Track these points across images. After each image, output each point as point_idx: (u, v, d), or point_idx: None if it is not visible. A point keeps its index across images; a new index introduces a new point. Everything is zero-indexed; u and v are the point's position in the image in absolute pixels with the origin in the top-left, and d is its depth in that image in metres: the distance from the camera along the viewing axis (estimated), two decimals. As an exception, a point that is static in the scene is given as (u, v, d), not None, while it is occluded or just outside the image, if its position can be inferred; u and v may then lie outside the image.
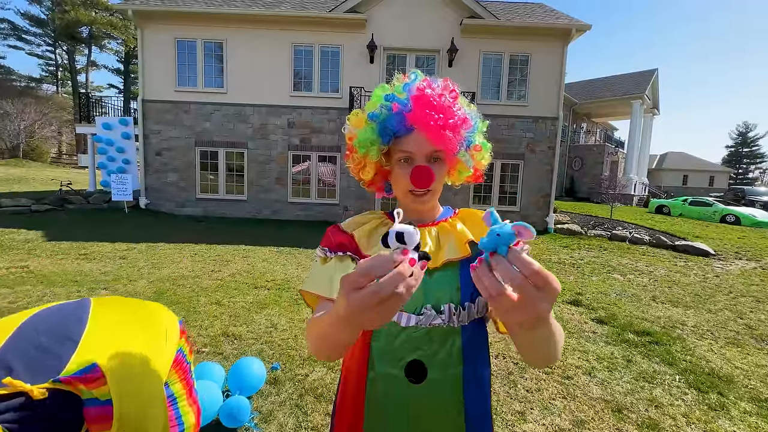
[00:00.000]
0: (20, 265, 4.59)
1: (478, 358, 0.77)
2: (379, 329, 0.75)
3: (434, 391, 0.73)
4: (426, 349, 0.73)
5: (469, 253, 0.75)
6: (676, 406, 2.38)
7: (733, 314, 4.31)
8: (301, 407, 2.08)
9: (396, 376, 0.73)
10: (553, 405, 2.31)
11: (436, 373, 0.72)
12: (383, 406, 0.74)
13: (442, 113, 0.71)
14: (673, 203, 14.62)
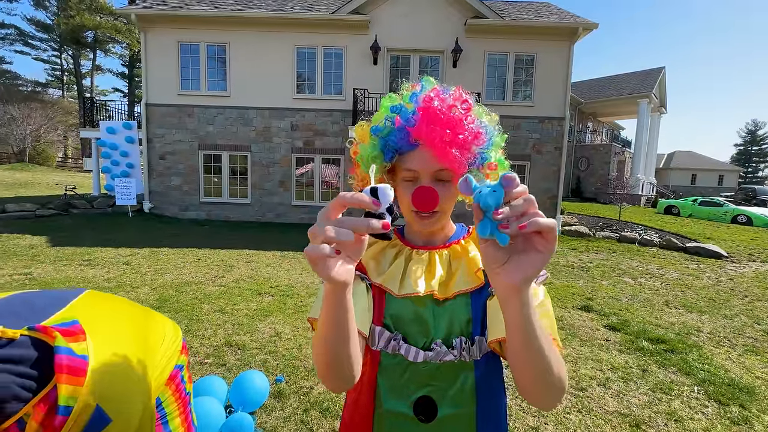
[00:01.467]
0: (24, 272, 4.56)
1: (494, 393, 0.71)
2: (386, 364, 0.69)
3: (446, 430, 0.68)
4: (436, 384, 0.68)
5: (482, 282, 0.68)
6: (697, 420, 2.27)
7: (750, 319, 4.18)
8: (306, 423, 2.00)
9: (404, 414, 0.68)
10: (568, 419, 2.21)
11: (448, 410, 0.67)
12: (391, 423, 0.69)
13: (449, 128, 0.63)
14: (683, 203, 14.40)
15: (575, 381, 2.68)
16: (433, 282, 0.69)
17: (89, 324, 0.63)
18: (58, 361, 0.54)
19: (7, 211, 8.39)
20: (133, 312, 0.84)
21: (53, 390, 0.53)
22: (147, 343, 0.80)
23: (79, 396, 0.54)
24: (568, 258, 7.08)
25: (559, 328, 3.64)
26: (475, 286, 0.69)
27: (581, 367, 2.89)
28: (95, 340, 0.61)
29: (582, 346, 3.30)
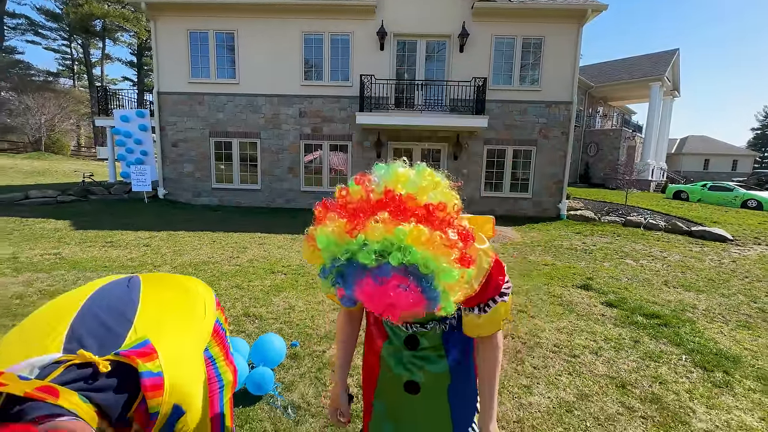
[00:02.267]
0: (53, 252, 4.87)
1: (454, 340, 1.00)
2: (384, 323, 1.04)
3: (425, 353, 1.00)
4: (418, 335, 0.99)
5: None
6: (681, 383, 2.45)
7: (747, 298, 4.29)
8: (320, 379, 2.23)
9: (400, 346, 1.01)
10: (559, 380, 2.41)
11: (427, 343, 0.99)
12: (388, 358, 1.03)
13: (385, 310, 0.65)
14: (692, 188, 14.26)
15: (569, 349, 2.87)
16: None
17: (154, 335, 0.79)
18: (143, 383, 0.71)
19: (30, 198, 8.76)
20: (180, 298, 1.00)
21: (143, 402, 0.72)
22: (195, 322, 0.99)
23: (162, 404, 0.73)
24: (572, 241, 7.19)
25: (558, 305, 3.82)
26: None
27: (575, 338, 3.07)
28: (162, 349, 0.76)
29: (578, 320, 3.47)
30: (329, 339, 2.77)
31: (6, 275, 3.79)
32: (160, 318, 0.87)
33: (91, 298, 0.83)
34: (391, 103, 9.66)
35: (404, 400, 1.02)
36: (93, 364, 0.68)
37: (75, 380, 0.66)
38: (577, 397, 2.23)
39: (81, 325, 0.77)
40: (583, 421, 2.01)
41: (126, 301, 0.86)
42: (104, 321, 0.79)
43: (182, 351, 0.84)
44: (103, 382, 0.68)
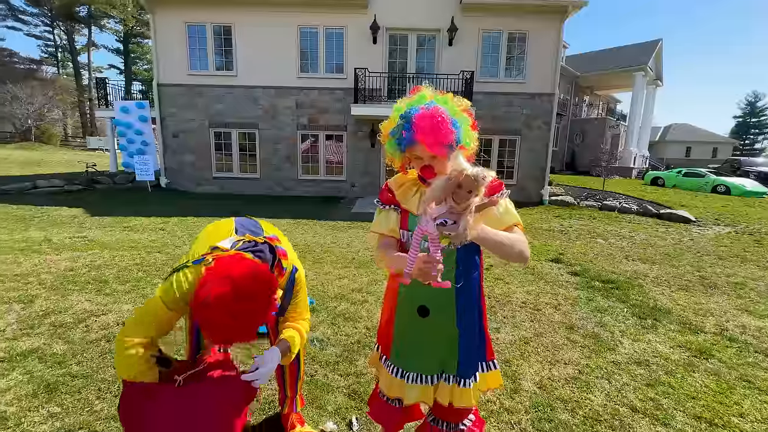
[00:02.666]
0: (79, 235, 5.35)
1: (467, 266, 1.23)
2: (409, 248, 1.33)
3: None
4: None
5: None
6: (617, 326, 3.12)
7: (693, 268, 5.00)
8: (336, 324, 2.84)
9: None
10: (522, 325, 3.06)
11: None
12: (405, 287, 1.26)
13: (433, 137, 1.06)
14: (668, 175, 15.11)
15: (534, 305, 3.52)
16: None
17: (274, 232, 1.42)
18: (279, 251, 1.30)
19: (39, 187, 9.11)
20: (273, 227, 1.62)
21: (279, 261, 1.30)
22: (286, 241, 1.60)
23: (287, 263, 1.32)
24: (551, 224, 7.88)
25: (530, 274, 4.47)
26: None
27: (541, 298, 3.73)
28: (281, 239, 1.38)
29: (545, 285, 4.13)
30: (339, 298, 3.38)
31: (50, 253, 4.30)
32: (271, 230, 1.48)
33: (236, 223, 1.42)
34: (384, 94, 10.13)
35: (417, 321, 1.24)
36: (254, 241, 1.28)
37: (247, 248, 1.24)
38: (534, 334, 2.88)
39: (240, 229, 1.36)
40: (536, 348, 2.66)
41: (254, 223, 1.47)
42: (250, 228, 1.39)
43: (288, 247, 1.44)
44: (260, 247, 1.27)
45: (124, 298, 3.12)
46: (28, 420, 1.66)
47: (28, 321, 2.60)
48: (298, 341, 1.36)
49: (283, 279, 1.30)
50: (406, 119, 1.11)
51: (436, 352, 1.26)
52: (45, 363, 2.10)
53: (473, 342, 1.27)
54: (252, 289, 1.00)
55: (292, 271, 1.33)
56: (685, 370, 2.45)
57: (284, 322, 1.38)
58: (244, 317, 0.99)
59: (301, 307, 1.41)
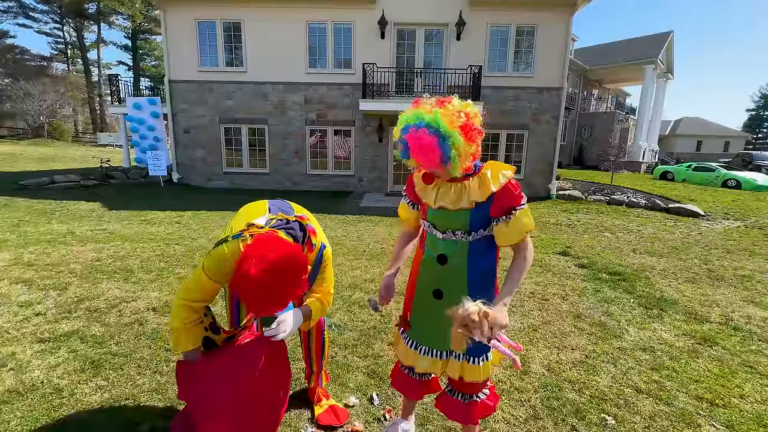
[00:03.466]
0: (100, 228, 5.55)
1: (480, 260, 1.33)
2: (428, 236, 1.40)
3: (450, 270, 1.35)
4: (448, 249, 1.34)
5: (473, 207, 1.26)
6: (624, 316, 3.21)
7: (701, 261, 5.04)
8: (351, 311, 2.98)
9: (432, 259, 1.38)
10: (531, 314, 3.17)
11: (453, 261, 1.33)
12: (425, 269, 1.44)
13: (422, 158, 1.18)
14: (677, 169, 14.98)
15: (542, 296, 3.62)
16: (446, 201, 1.30)
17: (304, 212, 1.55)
18: (309, 229, 1.43)
19: (56, 182, 9.36)
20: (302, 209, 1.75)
21: (308, 238, 1.42)
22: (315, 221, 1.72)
23: (316, 240, 1.45)
24: (558, 218, 7.93)
25: (538, 266, 4.57)
26: (470, 206, 1.26)
27: (548, 289, 3.83)
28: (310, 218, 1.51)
29: (553, 277, 4.23)
30: (353, 287, 3.51)
31: (76, 245, 4.49)
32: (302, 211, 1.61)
33: (270, 203, 1.55)
34: (391, 89, 10.19)
35: (432, 303, 1.37)
36: (287, 219, 1.40)
37: (279, 226, 1.37)
38: (542, 322, 2.99)
39: (273, 208, 1.49)
40: (544, 335, 2.77)
41: (286, 204, 1.59)
42: (282, 208, 1.52)
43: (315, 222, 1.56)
44: (292, 225, 1.40)
45: (150, 286, 3.29)
46: (80, 391, 1.82)
47: (65, 306, 2.78)
48: (319, 310, 1.50)
49: (312, 254, 1.43)
50: (401, 137, 1.23)
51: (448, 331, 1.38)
52: (86, 343, 2.27)
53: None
54: (286, 266, 1.12)
55: (321, 247, 1.47)
56: (689, 356, 2.54)
57: (310, 293, 1.52)
58: (279, 290, 1.12)
59: (327, 281, 1.54)
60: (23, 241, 4.58)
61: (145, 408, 1.77)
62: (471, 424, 1.48)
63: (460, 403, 1.46)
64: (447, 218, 1.31)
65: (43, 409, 1.72)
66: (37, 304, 2.77)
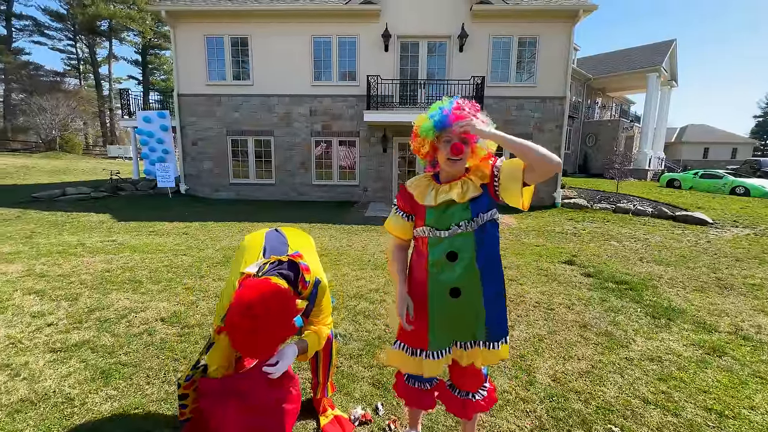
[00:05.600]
0: (109, 239, 5.65)
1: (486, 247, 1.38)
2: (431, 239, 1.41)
3: (462, 265, 1.37)
4: (455, 245, 1.37)
5: (481, 192, 1.36)
6: (630, 325, 3.19)
7: (709, 270, 4.98)
8: (356, 321, 2.99)
9: (441, 259, 1.39)
10: (536, 323, 3.16)
11: (463, 255, 1.37)
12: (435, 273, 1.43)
13: (466, 116, 1.33)
14: (684, 176, 14.87)
15: (547, 305, 3.61)
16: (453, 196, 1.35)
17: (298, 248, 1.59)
18: (302, 267, 1.47)
19: (67, 194, 9.56)
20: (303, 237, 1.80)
21: (302, 276, 1.46)
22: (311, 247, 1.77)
23: (310, 276, 1.48)
24: (564, 226, 7.90)
25: (543, 276, 4.55)
26: (473, 196, 1.34)
27: (554, 298, 3.81)
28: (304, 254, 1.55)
29: (558, 286, 4.21)
30: (358, 297, 3.53)
31: (86, 256, 4.58)
32: (297, 244, 1.65)
33: (265, 240, 1.60)
34: (395, 101, 10.33)
35: (449, 304, 1.38)
36: (279, 260, 1.44)
37: (271, 271, 1.41)
38: (547, 332, 2.98)
39: (268, 250, 1.53)
40: (550, 345, 2.76)
41: (282, 239, 1.64)
42: (276, 248, 1.56)
43: (311, 257, 1.60)
44: (283, 266, 1.43)
45: (158, 297, 3.34)
46: (90, 400, 1.86)
47: (76, 316, 2.83)
48: (315, 343, 1.54)
49: (306, 291, 1.48)
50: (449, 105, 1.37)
51: (468, 325, 1.43)
52: (97, 353, 2.31)
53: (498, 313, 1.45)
54: (269, 312, 1.16)
55: (315, 282, 1.51)
56: (697, 367, 2.51)
57: (309, 325, 1.57)
58: (263, 337, 1.17)
59: (324, 313, 1.59)
60: (35, 252, 4.68)
61: (153, 417, 1.80)
62: (465, 419, 1.57)
63: (457, 399, 1.55)
64: (450, 215, 1.37)
65: (55, 418, 1.76)
66: (49, 315, 2.83)
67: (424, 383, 1.58)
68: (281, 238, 1.64)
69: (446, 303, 1.40)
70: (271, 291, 1.20)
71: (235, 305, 1.16)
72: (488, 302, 1.41)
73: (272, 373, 1.32)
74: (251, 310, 1.14)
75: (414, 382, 1.59)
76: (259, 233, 1.69)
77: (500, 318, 1.46)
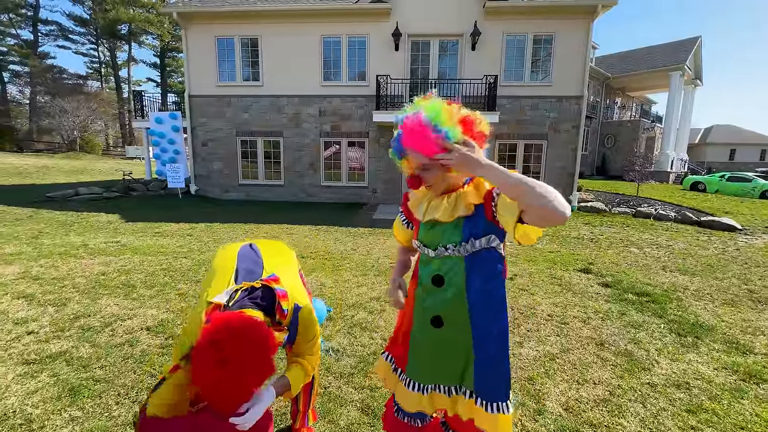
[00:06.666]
0: (114, 240, 5.62)
1: (480, 278, 1.14)
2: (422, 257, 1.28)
3: (450, 293, 1.18)
4: (443, 268, 1.18)
5: (472, 212, 1.12)
6: (653, 344, 2.89)
7: (740, 281, 4.60)
8: (352, 334, 2.80)
9: (426, 283, 1.23)
10: (548, 339, 2.90)
11: (449, 282, 1.18)
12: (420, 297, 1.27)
13: (414, 145, 1.08)
14: (710, 179, 14.17)
15: (560, 318, 3.34)
16: (438, 214, 1.16)
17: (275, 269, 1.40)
18: (278, 293, 1.26)
19: (80, 194, 9.70)
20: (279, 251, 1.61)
21: (279, 304, 1.26)
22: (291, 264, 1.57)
23: (287, 304, 1.28)
24: (580, 231, 7.53)
25: (557, 285, 4.26)
26: (467, 213, 1.12)
27: (568, 311, 3.53)
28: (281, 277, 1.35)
29: (574, 297, 3.92)
30: (356, 307, 3.34)
31: (86, 257, 4.53)
32: (274, 262, 1.45)
33: (238, 260, 1.41)
34: (406, 101, 10.07)
35: (431, 332, 1.21)
36: (252, 287, 1.25)
37: (243, 301, 1.21)
38: (560, 350, 2.72)
39: (240, 273, 1.35)
40: (562, 366, 2.50)
41: (255, 257, 1.45)
42: (250, 269, 1.37)
43: (289, 278, 1.41)
44: (257, 293, 1.24)
45: (149, 303, 3.22)
46: (51, 423, 1.72)
47: (59, 323, 2.73)
48: (299, 378, 1.32)
49: (286, 319, 1.28)
50: (397, 126, 1.16)
51: (453, 365, 1.21)
52: (71, 366, 2.18)
53: (492, 363, 1.18)
54: (242, 355, 0.96)
55: (294, 309, 1.30)
56: (732, 396, 2.22)
57: (291, 356, 1.37)
58: (236, 384, 0.96)
59: (311, 343, 1.37)
60: (37, 253, 4.67)
61: (118, 443, 1.64)
62: None
63: None
64: (438, 233, 1.18)
65: (13, 440, 1.62)
66: (32, 322, 2.74)
67: (414, 419, 1.37)
68: (255, 257, 1.45)
69: (428, 331, 1.22)
70: (244, 326, 1.00)
71: (202, 345, 0.96)
72: (479, 345, 1.17)
73: (241, 425, 1.07)
74: (222, 351, 0.94)
75: (403, 415, 1.39)
76: (231, 250, 1.50)
77: (497, 372, 1.18)
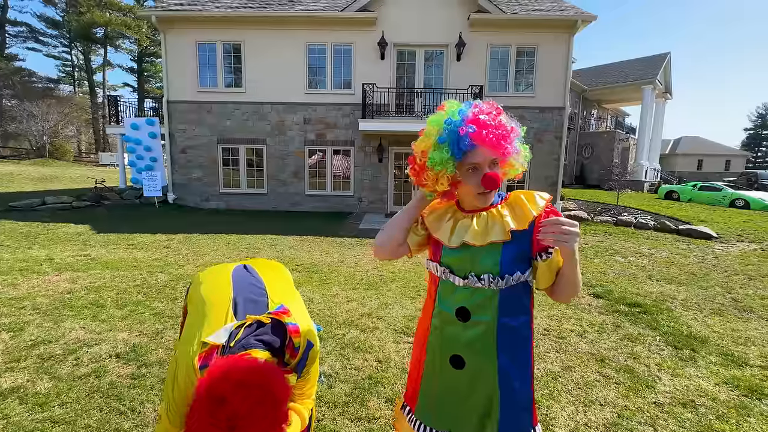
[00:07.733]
0: (83, 254, 5.24)
1: (514, 311, 1.01)
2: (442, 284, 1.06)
3: (477, 331, 1.00)
4: (471, 301, 1.00)
5: (509, 238, 0.97)
6: (652, 358, 2.84)
7: (723, 290, 4.68)
8: (344, 355, 2.62)
9: (450, 315, 1.03)
10: (547, 356, 2.80)
11: (480, 317, 0.99)
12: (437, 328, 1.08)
13: (497, 130, 0.94)
14: (683, 189, 14.73)
15: (557, 332, 3.26)
16: (467, 236, 0.99)
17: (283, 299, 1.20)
18: (289, 329, 1.08)
19: (47, 203, 9.12)
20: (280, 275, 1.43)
21: (290, 341, 1.08)
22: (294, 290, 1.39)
23: (300, 340, 1.09)
24: (566, 240, 7.58)
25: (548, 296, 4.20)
26: (505, 238, 0.96)
27: (564, 324, 3.47)
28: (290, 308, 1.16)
29: (567, 308, 3.86)
30: (347, 324, 3.16)
31: (50, 274, 4.17)
32: (278, 289, 1.27)
33: (234, 288, 1.22)
34: (391, 109, 10.08)
35: (448, 373, 1.04)
36: (258, 321, 1.07)
37: (248, 341, 1.03)
38: (561, 368, 2.62)
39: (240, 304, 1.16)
40: (566, 386, 2.40)
41: (255, 283, 1.26)
42: (252, 298, 1.18)
43: (298, 308, 1.23)
44: (265, 329, 1.06)
45: (119, 325, 2.94)
46: (-4, 479, 1.47)
47: (15, 352, 2.43)
48: (296, 426, 1.14)
49: (295, 360, 1.09)
50: (460, 117, 0.96)
51: (470, 413, 1.04)
52: (25, 405, 1.90)
53: (518, 404, 1.03)
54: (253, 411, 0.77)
55: (306, 347, 1.11)
56: (738, 414, 2.17)
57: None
58: None
59: (311, 382, 1.19)
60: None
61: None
62: None
63: None
64: (470, 259, 1.00)
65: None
66: (-18, 351, 2.43)
67: None
68: (255, 283, 1.24)
69: (444, 372, 1.05)
70: (255, 375, 0.82)
71: (203, 403, 0.77)
72: (507, 395, 1.00)
73: None
74: (229, 408, 0.74)
75: None
76: (223, 273, 1.27)
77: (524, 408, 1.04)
